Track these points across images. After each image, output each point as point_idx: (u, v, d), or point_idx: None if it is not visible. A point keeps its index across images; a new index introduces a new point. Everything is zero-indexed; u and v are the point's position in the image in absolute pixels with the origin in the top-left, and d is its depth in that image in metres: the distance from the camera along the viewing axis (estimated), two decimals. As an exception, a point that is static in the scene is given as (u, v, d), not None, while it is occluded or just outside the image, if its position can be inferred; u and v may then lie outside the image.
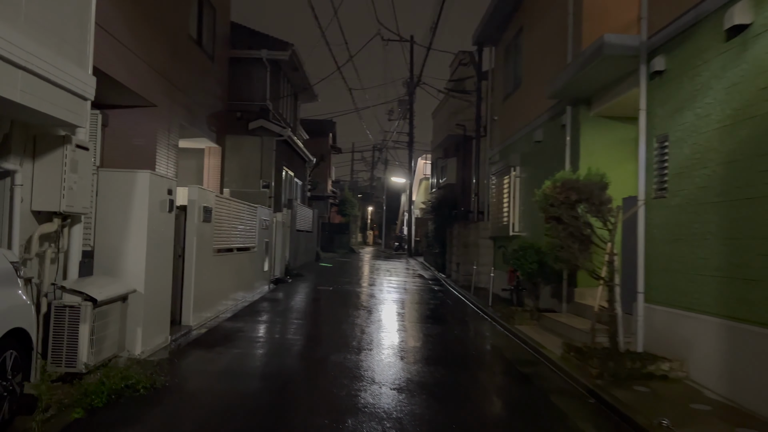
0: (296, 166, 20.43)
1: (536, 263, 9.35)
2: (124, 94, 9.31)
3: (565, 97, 9.17)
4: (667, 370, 5.97)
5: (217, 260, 8.72)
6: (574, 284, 9.02)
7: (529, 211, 11.56)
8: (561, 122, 9.66)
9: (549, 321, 8.72)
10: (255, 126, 16.19)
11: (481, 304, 11.14)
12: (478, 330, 9.01)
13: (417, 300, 12.30)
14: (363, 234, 58.51)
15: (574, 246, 6.96)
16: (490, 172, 14.62)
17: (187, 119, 11.74)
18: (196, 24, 12.35)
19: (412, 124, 32.48)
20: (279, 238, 14.63)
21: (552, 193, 6.89)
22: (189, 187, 7.66)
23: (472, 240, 14.41)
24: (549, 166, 10.31)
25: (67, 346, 4.86)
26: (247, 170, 16.33)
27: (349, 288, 13.93)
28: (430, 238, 23.68)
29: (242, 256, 10.42)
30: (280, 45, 16.68)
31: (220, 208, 8.80)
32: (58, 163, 4.87)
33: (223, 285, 9.15)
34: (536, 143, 11.07)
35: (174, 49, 10.73)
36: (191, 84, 11.88)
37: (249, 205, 10.94)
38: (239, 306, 9.91)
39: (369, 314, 9.83)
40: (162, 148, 10.35)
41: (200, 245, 7.80)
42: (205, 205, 7.91)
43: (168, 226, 6.60)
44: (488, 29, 14.60)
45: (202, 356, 6.40)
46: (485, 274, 14.04)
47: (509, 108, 13.61)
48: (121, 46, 8.63)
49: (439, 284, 15.83)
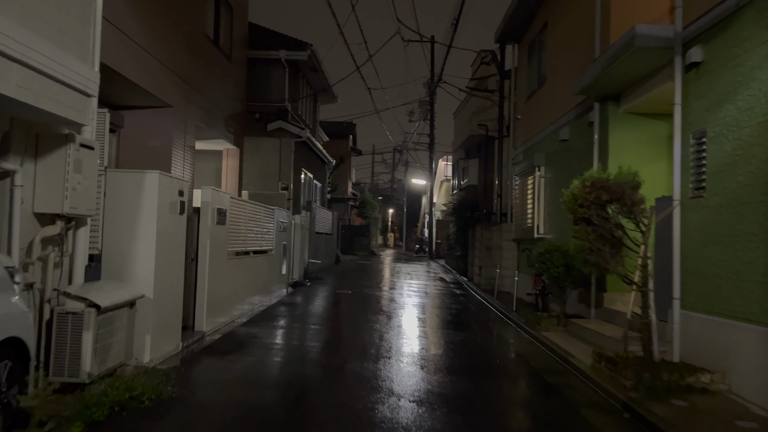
0: (315, 168, 20.23)
1: (563, 267, 8.95)
2: (138, 94, 9.16)
3: (593, 93, 8.77)
4: (707, 383, 5.56)
5: (232, 264, 8.49)
6: (603, 289, 8.61)
7: (554, 213, 11.15)
8: (588, 120, 9.26)
9: (577, 327, 8.32)
10: (273, 127, 16.01)
11: (505, 309, 10.76)
12: (502, 336, 8.64)
13: (438, 304, 11.96)
14: (384, 236, 58.28)
15: (604, 249, 6.58)
16: (514, 173, 14.22)
17: (204, 120, 11.56)
18: (213, 24, 12.18)
19: (432, 125, 32.13)
20: (297, 240, 14.40)
21: (581, 194, 6.52)
22: (202, 189, 7.44)
23: (495, 243, 14.02)
24: (576, 166, 9.92)
25: (69, 354, 4.63)
26: (265, 172, 16.16)
27: (368, 291, 13.64)
28: (451, 240, 23.30)
29: (259, 259, 10.19)
30: (299, 45, 16.48)
31: (235, 210, 8.57)
32: (61, 163, 4.66)
33: (239, 289, 8.92)
34: (562, 142, 10.67)
35: (190, 49, 10.56)
36: (208, 84, 11.71)
37: (266, 207, 10.72)
38: (256, 310, 9.67)
39: (388, 319, 9.52)
40: (178, 150, 10.17)
41: (214, 248, 7.58)
42: (219, 207, 7.68)
43: (179, 228, 6.37)
44: (511, 26, 14.22)
45: (213, 364, 6.15)
46: (509, 278, 13.66)
47: (533, 106, 13.22)
48: (135, 45, 8.46)
49: (461, 288, 15.46)
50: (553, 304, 10.59)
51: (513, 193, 14.30)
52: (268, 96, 16.34)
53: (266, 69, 16.29)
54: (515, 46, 15.07)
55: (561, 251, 9.02)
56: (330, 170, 23.99)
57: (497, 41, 15.48)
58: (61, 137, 4.66)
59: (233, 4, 13.32)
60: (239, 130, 14.04)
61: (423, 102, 32.80)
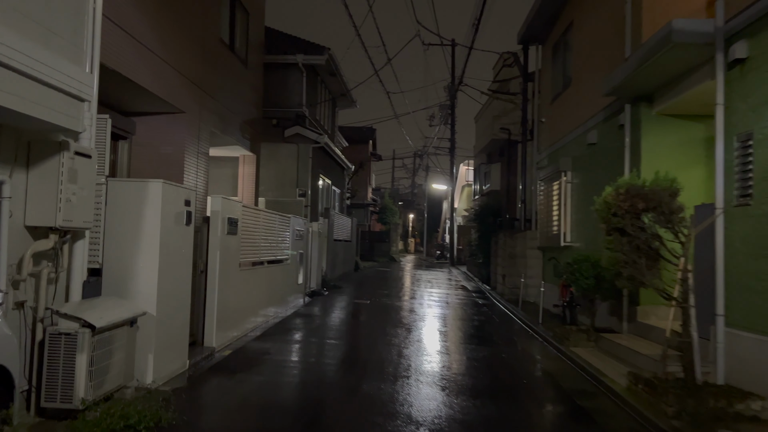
0: (334, 173, 19.91)
1: (593, 278, 8.45)
2: (150, 100, 8.90)
3: (624, 94, 8.28)
4: (758, 410, 5.04)
5: (245, 275, 8.15)
6: (636, 302, 8.10)
7: (582, 220, 10.65)
8: (618, 122, 8.77)
9: (608, 343, 7.81)
10: (291, 133, 15.72)
11: (531, 322, 10.27)
12: (528, 352, 8.17)
13: (460, 315, 11.50)
14: (404, 242, 57.88)
15: (640, 261, 6.10)
16: (538, 178, 13.72)
17: (219, 126, 11.29)
18: (228, 28, 11.93)
19: (453, 130, 31.67)
20: (315, 248, 14.06)
21: (615, 201, 6.04)
22: (211, 198, 7.12)
23: (519, 250, 13.52)
24: (605, 171, 9.42)
25: (62, 378, 4.30)
26: (282, 179, 15.86)
27: (387, 302, 13.23)
28: (473, 247, 22.80)
29: (273, 269, 9.85)
30: (316, 49, 16.19)
31: (247, 219, 8.24)
32: (54, 172, 4.34)
33: (252, 301, 8.58)
34: (590, 146, 10.17)
35: (204, 54, 10.30)
36: (223, 90, 11.44)
37: (281, 215, 10.39)
38: (270, 323, 9.32)
39: (408, 333, 9.10)
40: (191, 157, 9.89)
41: (225, 259, 7.24)
42: (230, 216, 7.35)
43: (186, 240, 6.04)
44: (534, 27, 13.76)
45: (220, 385, 5.80)
46: (533, 287, 13.15)
47: (558, 109, 12.72)
48: (145, 49, 8.20)
49: (483, 297, 14.97)
50: (582, 316, 10.09)
51: (537, 199, 13.80)
52: (286, 101, 16.06)
53: (283, 74, 16.02)
54: (539, 47, 14.61)
55: (591, 261, 8.52)
56: (349, 176, 23.66)
57: (520, 42, 15.02)
58: (55, 145, 4.35)
59: (249, 9, 13.07)
60: (256, 136, 13.77)
61: (443, 106, 32.37)
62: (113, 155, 9.47)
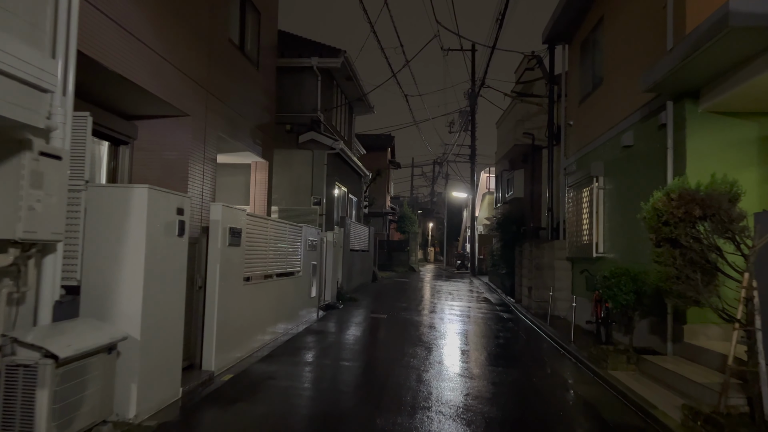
0: (350, 181, 19.27)
1: (632, 293, 7.64)
2: (151, 102, 8.33)
3: (667, 89, 7.49)
4: None
5: (250, 290, 7.49)
6: (682, 319, 7.27)
7: (616, 229, 9.83)
8: (659, 122, 7.98)
9: (652, 367, 6.99)
10: (305, 139, 15.13)
11: (561, 339, 9.45)
12: (561, 376, 7.38)
13: (483, 332, 10.72)
14: (424, 251, 57.11)
15: (695, 276, 5.32)
16: (566, 184, 12.91)
17: (228, 131, 10.70)
18: (238, 28, 11.37)
19: (474, 136, 30.89)
20: (329, 259, 13.39)
21: (666, 208, 5.27)
22: (211, 206, 6.48)
23: (546, 261, 12.70)
24: (643, 175, 8.62)
25: (20, 418, 3.65)
26: (297, 186, 15.26)
27: (405, 316, 12.49)
28: (495, 257, 21.96)
29: (283, 282, 9.19)
30: (332, 52, 15.59)
31: (253, 229, 7.59)
32: (14, 176, 3.72)
33: (258, 318, 7.91)
34: (625, 149, 9.38)
35: (211, 54, 9.72)
36: (232, 93, 10.86)
37: (292, 224, 9.74)
38: (279, 341, 8.64)
39: (427, 352, 8.35)
40: (196, 163, 9.30)
41: (226, 273, 6.59)
42: (232, 226, 6.70)
43: (178, 252, 5.39)
44: (561, 24, 13.01)
45: (216, 418, 5.11)
46: (562, 301, 12.33)
47: (587, 111, 11.93)
48: (145, 47, 7.63)
49: (508, 311, 14.15)
50: (617, 333, 9.27)
51: (565, 206, 12.99)
52: (300, 106, 15.48)
53: (298, 78, 15.45)
54: (565, 46, 13.83)
55: (630, 275, 7.71)
56: (366, 184, 23.01)
57: (545, 42, 14.27)
58: (15, 144, 3.73)
59: (260, 9, 12.51)
60: (268, 142, 13.17)
61: (463, 112, 31.64)
62: (114, 161, 8.93)
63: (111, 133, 8.70)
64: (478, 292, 19.92)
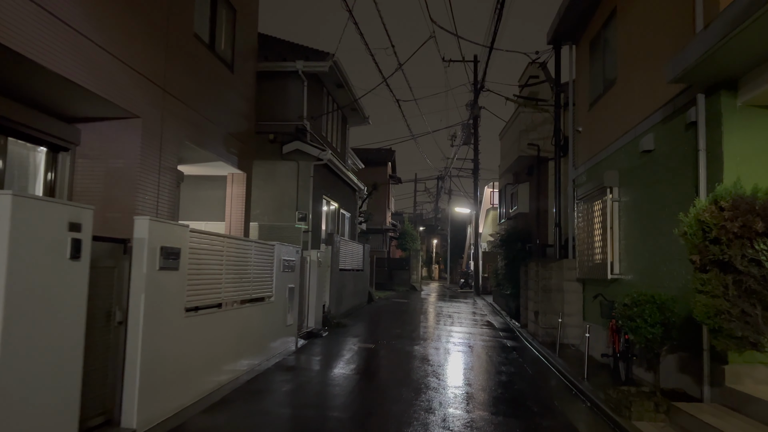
0: (342, 196, 18.01)
1: (659, 326, 6.31)
2: (91, 101, 7.15)
3: (697, 79, 6.24)
4: None
5: (195, 323, 6.20)
6: (722, 358, 5.93)
7: (634, 247, 8.52)
8: (687, 120, 6.72)
9: (687, 419, 5.63)
10: (290, 149, 13.92)
11: (573, 376, 8.09)
12: (574, 428, 6.02)
13: (485, 367, 9.36)
14: (428, 268, 55.75)
15: (753, 312, 4.00)
16: (576, 197, 11.62)
17: (194, 138, 9.48)
18: (207, 24, 10.21)
19: (477, 149, 29.69)
20: (313, 281, 12.08)
21: (716, 221, 3.98)
22: (135, 220, 5.21)
23: (554, 283, 11.36)
24: (667, 184, 7.34)
25: None
26: (281, 201, 14.02)
27: (397, 345, 11.14)
28: (499, 276, 20.62)
29: (247, 311, 7.90)
30: (318, 55, 14.42)
31: (201, 248, 6.33)
32: None
33: (209, 355, 6.61)
34: (644, 154, 8.11)
35: (169, 48, 8.54)
36: (198, 95, 9.67)
37: (260, 242, 8.47)
38: (240, 380, 7.33)
39: (415, 395, 7.02)
40: (148, 172, 8.07)
41: (157, 304, 5.31)
42: (165, 245, 5.43)
43: (73, 280, 4.12)
44: (568, 21, 11.84)
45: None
46: (573, 327, 10.98)
47: (598, 115, 10.68)
48: (74, 33, 6.45)
49: (512, 337, 12.77)
50: (638, 366, 7.94)
51: (575, 221, 11.68)
52: (285, 115, 14.30)
53: (282, 84, 14.28)
54: (572, 47, 12.64)
55: (657, 303, 6.39)
56: (362, 198, 21.75)
57: (550, 42, 13.08)
58: None
59: (236, 6, 11.36)
60: (246, 151, 11.95)
61: (465, 125, 30.48)
62: (51, 171, 7.72)
63: (47, 138, 7.49)
64: (481, 314, 18.52)
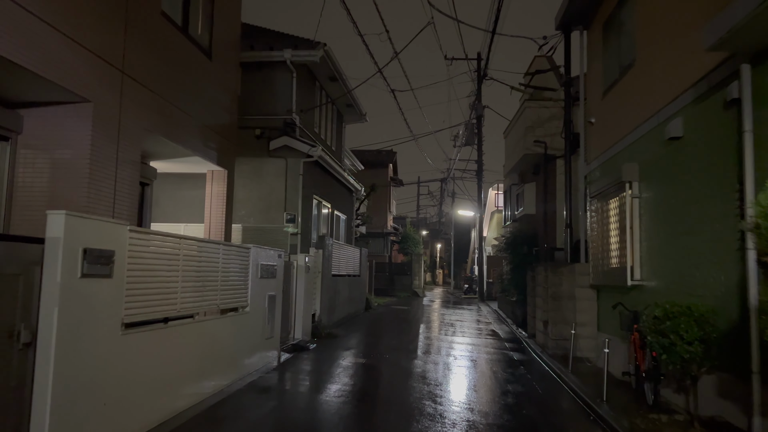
0: (336, 196, 16.98)
1: (698, 343, 5.25)
2: (33, 82, 6.17)
3: (742, 46, 5.19)
4: None
5: (136, 340, 5.15)
6: (778, 383, 4.86)
7: (659, 248, 7.45)
8: (727, 97, 5.66)
9: (740, 460, 4.56)
10: (277, 145, 12.90)
11: (590, 397, 7.01)
12: (597, 468, 4.95)
13: (490, 384, 8.28)
14: (432, 273, 54.63)
15: None
16: (589, 195, 10.55)
17: (162, 129, 8.48)
18: (180, 4, 9.22)
19: (480, 150, 28.65)
20: (300, 288, 11.04)
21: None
22: (49, 216, 4.17)
23: (565, 290, 10.29)
24: (699, 175, 6.28)
25: None
26: (269, 202, 13.00)
27: (391, 358, 10.08)
28: (504, 281, 19.56)
29: (212, 324, 6.86)
30: (308, 44, 13.39)
31: (147, 251, 5.30)
32: None
33: (156, 378, 5.55)
34: (670, 141, 7.05)
35: (129, 24, 7.55)
36: (169, 82, 8.68)
37: (229, 244, 7.43)
38: (203, 405, 6.28)
39: (408, 424, 5.96)
40: (104, 165, 7.06)
41: (78, 320, 4.28)
42: (93, 247, 4.40)
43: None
44: (577, 4, 10.83)
45: None
46: (586, 338, 9.91)
47: (613, 102, 9.63)
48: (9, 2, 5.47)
49: (519, 349, 11.68)
50: (665, 388, 6.86)
51: (587, 222, 10.61)
52: (272, 108, 13.28)
53: (269, 75, 13.28)
54: (583, 31, 11.60)
55: (694, 315, 5.33)
56: (359, 200, 20.71)
57: (558, 27, 12.05)
58: None
59: (215, -13, 10.38)
60: (227, 146, 10.93)
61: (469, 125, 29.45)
62: (-12, 162, 6.72)
63: (-19, 125, 6.54)
64: (486, 322, 17.42)
